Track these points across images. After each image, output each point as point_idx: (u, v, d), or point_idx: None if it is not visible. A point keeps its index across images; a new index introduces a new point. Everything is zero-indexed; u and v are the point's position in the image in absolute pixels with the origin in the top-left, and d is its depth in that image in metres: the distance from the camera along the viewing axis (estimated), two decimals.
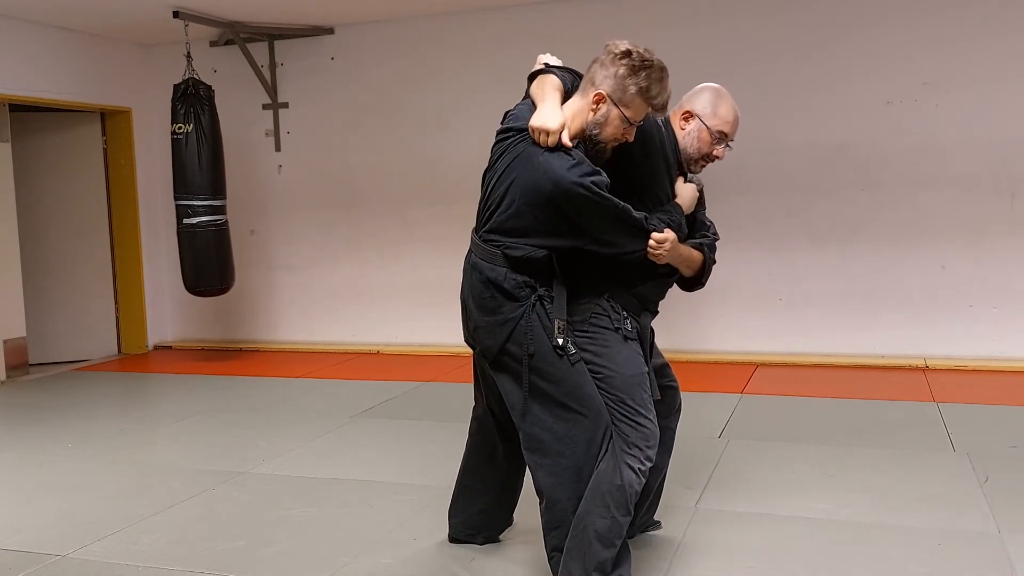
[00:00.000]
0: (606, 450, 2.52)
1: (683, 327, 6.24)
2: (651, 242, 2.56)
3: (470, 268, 2.63)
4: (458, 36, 6.64)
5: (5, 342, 6.41)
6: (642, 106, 2.48)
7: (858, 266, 5.98)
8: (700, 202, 2.87)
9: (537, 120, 2.46)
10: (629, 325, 2.64)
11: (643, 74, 2.43)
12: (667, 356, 2.95)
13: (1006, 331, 5.73)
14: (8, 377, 6.40)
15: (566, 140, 2.45)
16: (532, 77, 2.68)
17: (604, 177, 2.46)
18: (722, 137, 2.77)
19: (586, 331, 2.61)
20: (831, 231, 6.02)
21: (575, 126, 2.50)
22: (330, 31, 7.03)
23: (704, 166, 2.82)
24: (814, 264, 6.07)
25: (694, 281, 2.85)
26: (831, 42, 5.92)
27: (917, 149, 5.81)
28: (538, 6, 6.41)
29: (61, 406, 5.55)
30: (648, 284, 2.70)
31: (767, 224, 6.14)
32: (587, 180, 2.41)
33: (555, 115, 2.45)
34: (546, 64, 2.69)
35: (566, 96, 2.58)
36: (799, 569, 2.87)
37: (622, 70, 2.42)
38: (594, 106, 2.47)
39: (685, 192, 2.77)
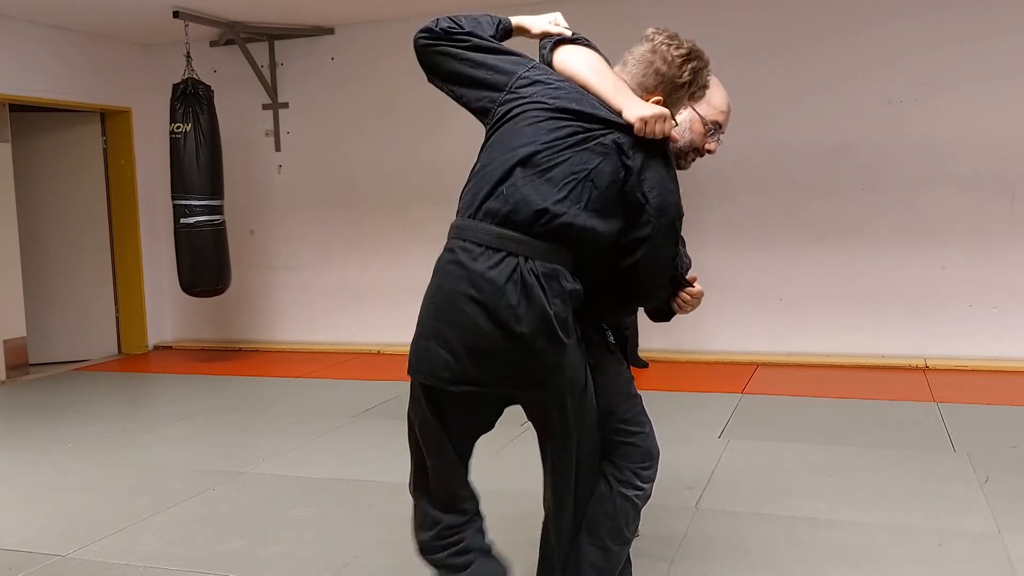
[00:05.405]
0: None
1: (683, 327, 6.22)
2: (687, 294, 2.35)
3: (536, 280, 2.00)
4: None
5: (5, 342, 6.41)
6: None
7: (858, 266, 5.98)
8: None
9: (647, 111, 2.06)
10: (612, 337, 2.38)
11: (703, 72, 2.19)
12: (667, 356, 2.92)
13: (1006, 331, 5.73)
14: (8, 377, 6.40)
15: (673, 133, 2.16)
16: (557, 42, 2.26)
17: None
18: (716, 128, 2.46)
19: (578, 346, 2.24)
20: (831, 231, 6.02)
21: None
22: (330, 31, 7.03)
23: (694, 160, 2.53)
24: (814, 264, 6.07)
25: (663, 313, 2.50)
26: (831, 42, 5.92)
27: (917, 149, 5.81)
28: (537, 6, 6.40)
29: (61, 406, 5.55)
30: (619, 311, 2.41)
31: (767, 224, 6.14)
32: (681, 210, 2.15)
33: (652, 104, 2.11)
34: (574, 34, 2.31)
35: None
36: (799, 569, 2.87)
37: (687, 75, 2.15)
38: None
39: None
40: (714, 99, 2.43)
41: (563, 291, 2.03)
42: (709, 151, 2.49)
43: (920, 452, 4.04)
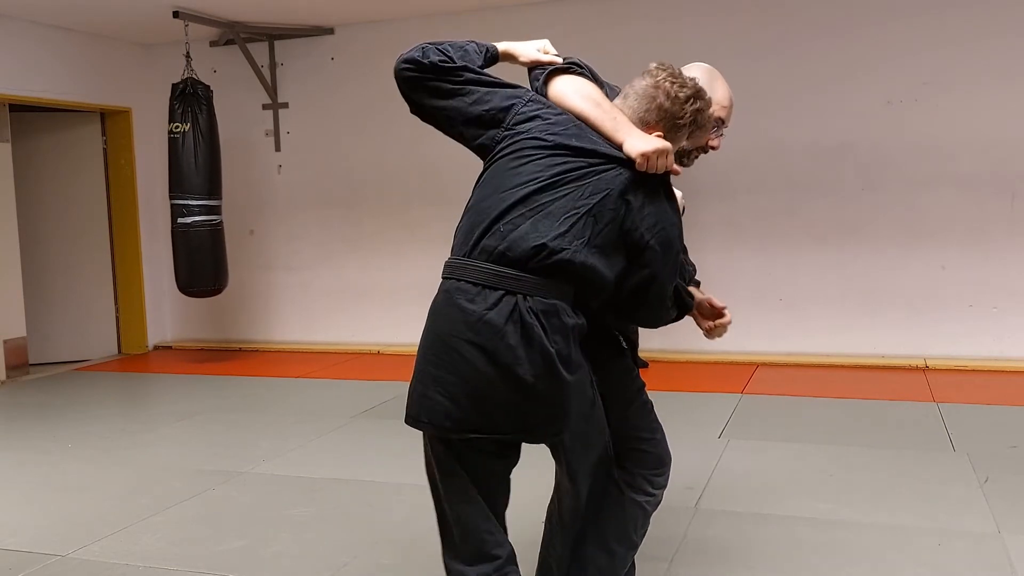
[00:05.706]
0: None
1: (683, 327, 6.20)
2: (716, 324, 2.37)
3: (535, 318, 1.95)
4: (457, 36, 6.61)
5: (5, 342, 6.41)
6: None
7: (858, 266, 5.98)
8: None
9: (649, 145, 2.00)
10: (624, 340, 2.36)
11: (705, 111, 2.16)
12: (667, 356, 2.90)
13: (1006, 331, 5.73)
14: (8, 377, 6.40)
15: (675, 165, 2.10)
16: (551, 72, 2.19)
17: None
18: (719, 124, 2.41)
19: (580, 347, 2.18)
20: (831, 231, 6.02)
21: None
22: (330, 31, 7.03)
23: (697, 157, 2.49)
24: (814, 264, 6.07)
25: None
26: (831, 41, 5.92)
27: (917, 149, 5.81)
28: (537, 6, 6.41)
29: (61, 406, 5.55)
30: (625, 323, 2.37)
31: (767, 224, 6.14)
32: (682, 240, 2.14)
33: (654, 138, 2.06)
34: (565, 59, 2.22)
35: None
36: (799, 569, 2.87)
37: (690, 115, 2.11)
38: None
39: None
40: (716, 93, 2.36)
41: (564, 327, 1.98)
42: (712, 147, 2.44)
43: (920, 452, 4.04)
